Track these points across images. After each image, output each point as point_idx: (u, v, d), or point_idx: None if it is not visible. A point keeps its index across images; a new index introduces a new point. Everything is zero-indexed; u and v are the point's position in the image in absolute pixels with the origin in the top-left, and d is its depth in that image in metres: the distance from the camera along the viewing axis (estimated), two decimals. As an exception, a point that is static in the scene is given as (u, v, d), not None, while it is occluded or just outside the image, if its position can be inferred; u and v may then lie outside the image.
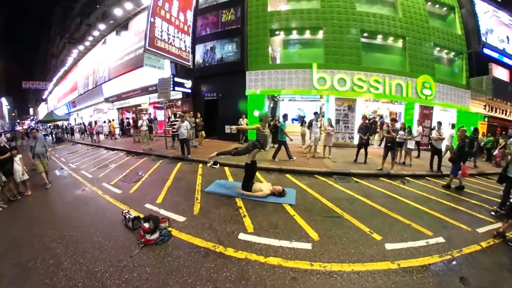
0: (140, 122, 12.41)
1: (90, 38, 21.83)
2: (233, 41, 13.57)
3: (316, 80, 11.96)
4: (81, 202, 5.15)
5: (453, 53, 16.13)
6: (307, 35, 13.39)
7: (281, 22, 13.19)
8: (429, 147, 10.03)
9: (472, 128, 10.13)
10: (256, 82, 13.04)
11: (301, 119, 12.29)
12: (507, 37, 18.74)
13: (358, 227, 3.96)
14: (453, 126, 11.22)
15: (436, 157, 8.26)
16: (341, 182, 6.65)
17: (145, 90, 17.53)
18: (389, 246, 3.39)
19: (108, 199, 5.20)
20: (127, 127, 18.79)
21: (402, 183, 6.96)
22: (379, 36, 13.78)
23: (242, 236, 3.54)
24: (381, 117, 14.98)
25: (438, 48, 15.23)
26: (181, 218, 4.19)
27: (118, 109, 22.66)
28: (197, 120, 11.84)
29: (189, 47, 13.80)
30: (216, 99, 14.37)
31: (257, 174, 6.40)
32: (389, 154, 7.73)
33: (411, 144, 8.95)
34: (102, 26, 19.79)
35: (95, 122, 18.26)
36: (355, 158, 8.72)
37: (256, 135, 5.13)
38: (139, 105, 19.84)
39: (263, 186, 5.34)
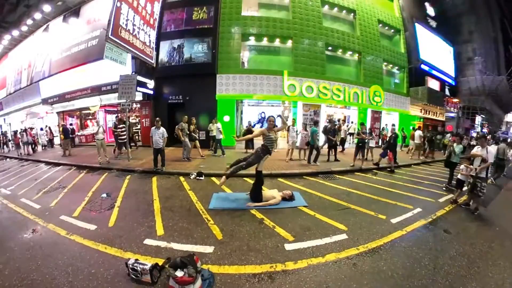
0: (95, 129, 10.47)
1: (29, 22, 17.21)
2: (204, 41, 13.05)
3: (286, 87, 12.69)
4: (38, 253, 3.22)
5: (397, 68, 19.09)
6: (277, 43, 13.99)
7: (254, 28, 13.37)
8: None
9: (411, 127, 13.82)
10: (227, 86, 12.84)
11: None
12: (437, 56, 22.61)
13: (365, 213, 4.82)
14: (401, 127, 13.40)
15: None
16: (329, 180, 7.40)
17: (96, 90, 14.37)
18: (393, 220, 4.50)
19: (80, 241, 3.53)
20: (71, 135, 14.74)
21: (374, 175, 8.41)
22: (340, 50, 15.41)
23: (288, 246, 3.45)
24: (338, 120, 16.49)
25: (386, 63, 17.70)
26: (207, 249, 3.39)
27: (58, 113, 18.30)
28: (192, 126, 10.26)
29: (153, 42, 12.83)
30: (182, 102, 13.32)
31: (249, 181, 6.59)
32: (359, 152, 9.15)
33: (372, 143, 10.60)
34: (47, 8, 15.65)
35: (24, 130, 14.46)
36: (328, 158, 9.75)
37: (263, 139, 5.10)
38: (87, 108, 15.93)
39: (273, 193, 5.27)
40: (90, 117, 17.30)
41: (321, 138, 10.91)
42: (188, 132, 9.61)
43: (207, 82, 12.84)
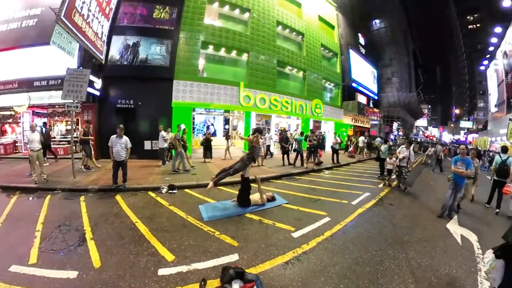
0: (27, 136, 7.58)
1: None
2: (163, 43, 12.35)
3: (242, 98, 13.70)
4: None
5: (333, 84, 22.43)
6: (233, 54, 14.80)
7: (214, 37, 13.57)
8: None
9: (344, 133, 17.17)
10: (184, 93, 12.43)
11: (225, 133, 13.28)
12: (364, 76, 27.40)
13: (333, 201, 6.50)
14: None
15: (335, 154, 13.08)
16: (292, 181, 8.76)
17: (26, 85, 11.45)
18: (353, 203, 6.39)
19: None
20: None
21: (324, 173, 10.67)
22: (288, 67, 17.45)
23: (294, 235, 4.28)
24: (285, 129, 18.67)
25: (325, 80, 20.74)
26: (233, 257, 3.48)
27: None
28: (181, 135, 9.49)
29: (105, 35, 11.28)
30: (133, 107, 11.81)
31: (229, 189, 7.27)
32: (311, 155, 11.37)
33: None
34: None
35: None
36: (283, 163, 11.31)
37: (249, 148, 5.78)
38: (10, 108, 12.29)
39: (256, 196, 5.72)
40: (11, 120, 13.62)
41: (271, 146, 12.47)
42: (178, 140, 8.97)
43: (162, 87, 12.14)
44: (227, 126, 18.20)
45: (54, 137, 12.37)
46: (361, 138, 17.87)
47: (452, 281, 3.20)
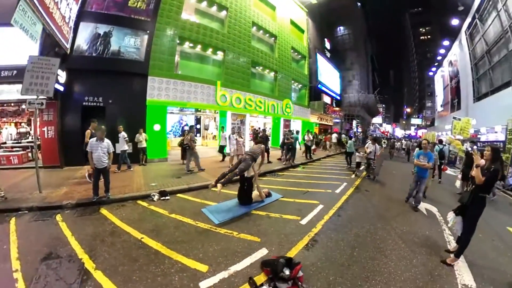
0: None
1: None
2: (138, 35, 11.54)
3: (219, 97, 14.09)
4: None
5: (301, 85, 23.95)
6: (209, 52, 14.84)
7: (192, 33, 13.25)
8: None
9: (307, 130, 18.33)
10: (160, 91, 11.88)
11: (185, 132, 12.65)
12: (329, 78, 29.65)
13: (319, 191, 7.81)
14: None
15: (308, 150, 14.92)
16: (277, 177, 9.79)
17: None
18: (337, 191, 7.92)
19: None
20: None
21: (302, 168, 12.45)
22: (261, 67, 18.34)
23: (302, 222, 5.18)
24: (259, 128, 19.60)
25: (294, 81, 22.05)
26: (263, 251, 3.88)
27: None
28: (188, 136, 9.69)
29: (73, 20, 9.98)
30: (102, 106, 10.71)
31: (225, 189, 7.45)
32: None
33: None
34: None
35: None
36: (261, 160, 12.08)
37: (250, 150, 6.56)
38: None
39: (257, 193, 6.21)
40: None
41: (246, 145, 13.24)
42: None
43: (136, 84, 11.42)
44: (198, 126, 18.51)
45: (5, 142, 10.91)
46: (334, 135, 20.83)
47: (428, 238, 4.73)
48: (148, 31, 11.73)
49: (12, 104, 11.39)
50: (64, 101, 10.10)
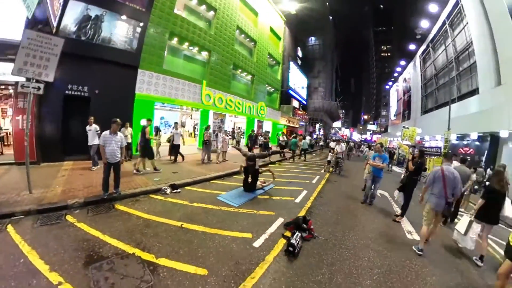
0: None
1: None
2: (131, 23, 11.21)
3: (204, 96, 14.94)
4: None
5: (273, 89, 25.75)
6: (195, 50, 15.23)
7: (182, 30, 13.48)
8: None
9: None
10: (149, 86, 11.93)
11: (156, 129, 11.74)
12: (298, 85, 32.11)
13: (300, 182, 9.89)
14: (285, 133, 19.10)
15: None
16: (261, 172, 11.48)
17: None
18: (313, 181, 10.24)
19: None
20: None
21: (279, 165, 14.57)
22: (240, 70, 19.57)
23: (296, 201, 7.19)
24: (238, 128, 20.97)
25: (267, 85, 23.65)
26: (280, 220, 5.41)
27: None
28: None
29: None
30: (87, 96, 10.02)
31: (219, 181, 8.89)
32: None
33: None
34: None
35: None
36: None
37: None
38: None
39: (259, 182, 7.84)
40: None
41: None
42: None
43: (125, 75, 11.08)
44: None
45: None
46: (308, 138, 22.79)
47: (383, 209, 7.27)
48: (142, 22, 11.52)
49: None
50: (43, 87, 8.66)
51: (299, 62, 35.17)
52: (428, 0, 26.89)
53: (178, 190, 7.04)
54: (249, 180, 7.50)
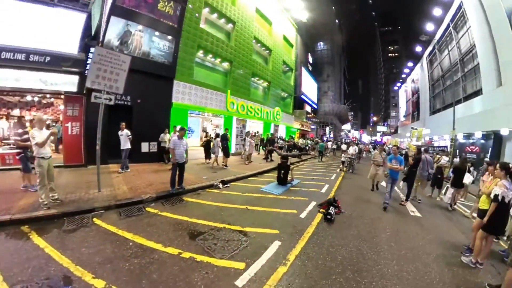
0: (34, 135, 5.29)
1: None
2: (166, 39, 12.54)
3: (229, 104, 16.83)
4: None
5: (287, 95, 27.48)
6: (217, 62, 16.91)
7: (207, 43, 15.07)
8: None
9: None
10: (184, 95, 13.52)
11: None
12: (309, 90, 33.82)
13: (321, 178, 11.85)
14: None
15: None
16: None
17: None
18: (331, 178, 12.22)
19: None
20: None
21: (302, 165, 16.20)
22: (257, 78, 21.46)
23: (322, 191, 9.11)
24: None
25: (282, 91, 25.42)
26: (313, 203, 7.12)
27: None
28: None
29: (106, 12, 10.30)
30: (130, 105, 11.28)
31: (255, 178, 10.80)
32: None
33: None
34: None
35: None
36: (268, 158, 15.61)
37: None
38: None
39: (290, 177, 9.63)
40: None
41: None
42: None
43: (163, 86, 12.45)
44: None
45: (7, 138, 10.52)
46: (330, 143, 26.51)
47: (394, 198, 8.55)
48: (175, 37, 12.78)
49: (35, 93, 10.80)
50: (88, 96, 8.82)
51: (310, 67, 37.10)
52: (433, 3, 28.43)
53: (228, 185, 8.70)
54: (282, 175, 9.37)
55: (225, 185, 8.62)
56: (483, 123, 17.19)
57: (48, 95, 11.34)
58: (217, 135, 12.57)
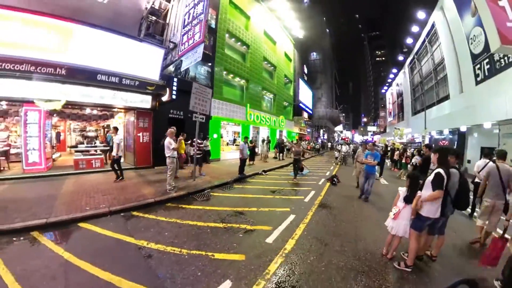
0: (168, 142, 8.20)
1: None
2: (205, 65, 16.03)
3: (248, 115, 21.49)
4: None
5: (287, 103, 32.46)
6: (237, 80, 21.43)
7: (230, 65, 19.19)
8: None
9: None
10: (218, 110, 17.55)
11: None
12: (305, 97, 38.64)
13: (323, 168, 17.35)
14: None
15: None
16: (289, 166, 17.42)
17: (84, 76, 9.84)
18: (327, 174, 15.13)
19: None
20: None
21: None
22: (265, 91, 26.30)
23: (326, 175, 13.19)
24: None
25: (284, 101, 30.30)
26: (323, 180, 11.94)
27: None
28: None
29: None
30: (182, 118, 14.51)
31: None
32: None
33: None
34: None
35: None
36: (278, 158, 20.15)
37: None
38: (31, 101, 9.25)
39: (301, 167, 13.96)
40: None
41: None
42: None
43: None
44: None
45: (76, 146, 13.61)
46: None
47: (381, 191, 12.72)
48: (211, 63, 16.68)
49: (103, 109, 13.47)
50: (156, 112, 12.93)
51: (305, 77, 42.29)
52: (411, 20, 33.88)
53: (267, 173, 13.59)
54: (296, 166, 13.64)
55: (265, 173, 13.53)
56: (450, 122, 22.30)
57: (114, 109, 13.38)
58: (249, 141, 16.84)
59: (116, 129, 9.96)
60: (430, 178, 3.81)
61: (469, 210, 7.01)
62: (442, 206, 3.83)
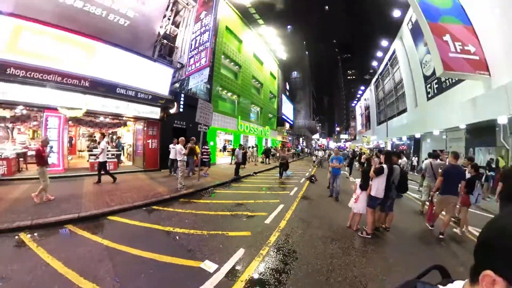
0: (178, 149, 8.92)
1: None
2: (205, 82, 15.50)
3: (239, 126, 22.51)
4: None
5: (271, 115, 33.58)
6: (229, 94, 22.39)
7: (224, 83, 20.42)
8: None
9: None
10: (214, 121, 17.07)
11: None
12: (287, 110, 39.88)
13: (304, 169, 18.35)
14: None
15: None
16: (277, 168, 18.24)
17: (105, 89, 10.18)
18: (309, 170, 17.77)
19: None
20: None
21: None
22: (253, 105, 27.34)
23: (306, 175, 14.03)
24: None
25: (269, 114, 31.44)
26: (304, 180, 13.35)
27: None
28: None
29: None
30: (184, 127, 15.02)
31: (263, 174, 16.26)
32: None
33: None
34: None
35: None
36: (265, 162, 20.87)
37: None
38: (54, 108, 9.43)
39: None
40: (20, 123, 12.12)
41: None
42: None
43: None
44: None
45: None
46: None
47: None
48: (210, 80, 16.73)
49: (116, 118, 13.36)
50: (164, 122, 13.44)
51: (287, 93, 43.88)
52: (377, 47, 36.26)
53: (257, 174, 14.63)
54: (282, 169, 14.63)
55: (256, 175, 14.45)
56: (407, 130, 24.10)
57: (124, 118, 13.28)
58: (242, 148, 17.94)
59: (103, 134, 10.08)
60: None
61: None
62: (386, 190, 5.04)
